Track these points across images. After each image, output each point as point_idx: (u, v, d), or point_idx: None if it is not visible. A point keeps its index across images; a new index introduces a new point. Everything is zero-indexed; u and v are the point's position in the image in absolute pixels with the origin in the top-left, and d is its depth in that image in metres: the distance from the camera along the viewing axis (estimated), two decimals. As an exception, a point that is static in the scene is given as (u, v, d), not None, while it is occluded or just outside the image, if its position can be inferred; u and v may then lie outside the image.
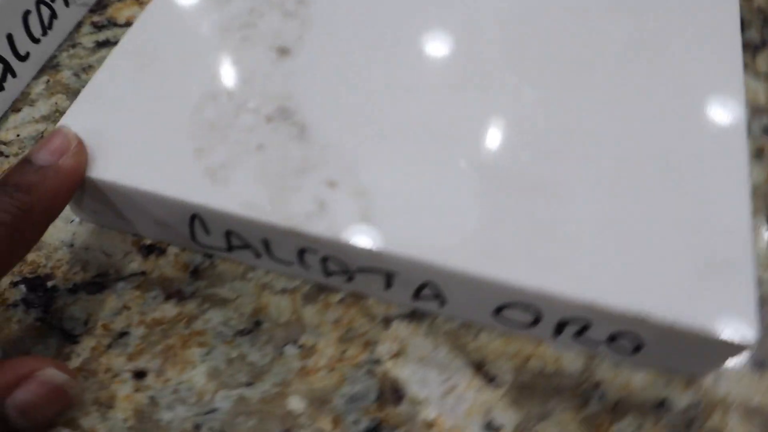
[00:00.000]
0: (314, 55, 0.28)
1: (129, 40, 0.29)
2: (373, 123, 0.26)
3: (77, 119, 0.26)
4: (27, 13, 0.32)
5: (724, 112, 0.26)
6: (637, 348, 0.23)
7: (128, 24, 0.36)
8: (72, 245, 0.28)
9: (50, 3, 0.34)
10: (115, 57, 0.28)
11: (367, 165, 0.25)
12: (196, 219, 0.25)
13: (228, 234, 0.25)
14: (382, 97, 0.27)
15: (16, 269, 0.27)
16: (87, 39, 0.36)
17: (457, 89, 0.27)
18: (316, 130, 0.26)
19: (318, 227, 0.23)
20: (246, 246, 0.26)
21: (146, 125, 0.26)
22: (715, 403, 0.24)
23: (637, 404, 0.24)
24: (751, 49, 0.35)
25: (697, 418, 0.24)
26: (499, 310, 0.24)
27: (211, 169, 0.24)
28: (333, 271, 0.25)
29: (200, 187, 0.24)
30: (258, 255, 0.26)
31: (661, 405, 0.24)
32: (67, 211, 0.29)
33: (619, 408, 0.24)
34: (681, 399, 0.24)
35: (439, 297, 0.24)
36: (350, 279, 0.25)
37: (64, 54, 0.35)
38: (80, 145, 0.24)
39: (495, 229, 0.23)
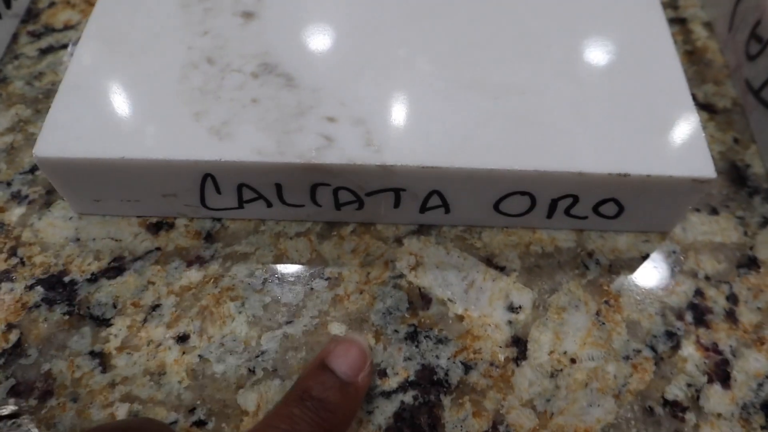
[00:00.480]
0: (277, 12, 0.30)
1: (92, 27, 0.29)
2: (350, 59, 0.28)
3: (66, 107, 0.26)
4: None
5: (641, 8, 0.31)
6: (619, 212, 0.27)
7: (67, 27, 0.36)
8: (78, 239, 0.28)
9: (-15, 17, 0.33)
10: (83, 45, 0.29)
11: (357, 96, 0.27)
12: (208, 179, 0.26)
13: (240, 188, 0.27)
14: (350, 36, 0.29)
15: (27, 273, 0.27)
16: (29, 48, 0.35)
17: (415, 19, 0.30)
18: (301, 76, 0.28)
19: (331, 157, 0.25)
20: (257, 198, 0.27)
21: (137, 101, 0.27)
22: (687, 247, 0.28)
23: (626, 261, 0.28)
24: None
25: (677, 262, 0.28)
26: (498, 204, 0.27)
27: (214, 128, 0.26)
28: (344, 202, 0.27)
29: (209, 145, 0.25)
30: (269, 204, 0.27)
31: (645, 257, 0.28)
32: (64, 209, 0.29)
33: (613, 268, 0.28)
34: (660, 250, 0.28)
35: (444, 204, 0.27)
36: (361, 206, 0.27)
37: (9, 66, 0.35)
38: (372, 365, 0.24)
39: (484, 128, 0.26)
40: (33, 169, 0.31)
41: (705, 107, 0.33)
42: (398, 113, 0.26)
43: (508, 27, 0.30)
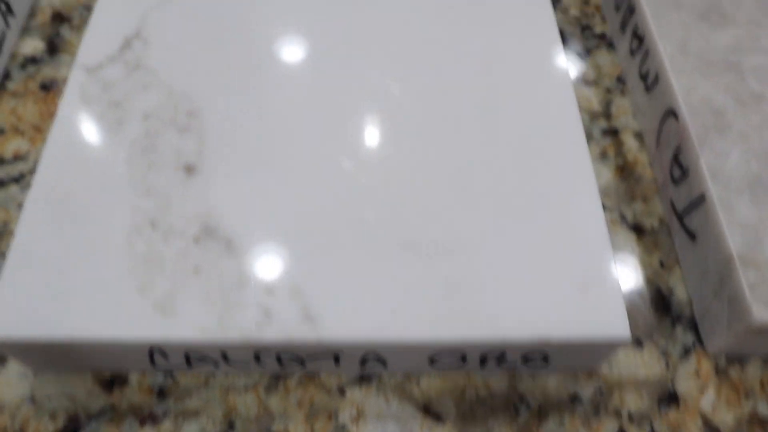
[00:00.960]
0: (218, 167, 0.31)
1: (38, 188, 0.30)
2: (288, 224, 0.29)
3: (13, 283, 0.27)
4: None
5: (565, 143, 0.32)
6: (545, 359, 0.29)
7: (17, 158, 0.37)
8: (33, 398, 0.29)
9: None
10: (29, 210, 0.29)
11: (294, 263, 0.28)
12: (156, 350, 0.27)
13: (187, 355, 0.28)
14: (291, 198, 0.30)
15: (-17, 438, 0.29)
16: (-22, 182, 0.36)
17: (349, 175, 0.31)
18: (240, 241, 0.29)
19: (269, 334, 0.26)
20: (204, 360, 0.28)
21: (83, 274, 0.28)
22: (613, 385, 0.30)
23: (555, 404, 0.30)
24: (578, 59, 0.41)
25: (602, 401, 0.30)
26: (432, 359, 0.29)
27: (158, 304, 0.27)
28: (286, 363, 0.29)
29: (153, 323, 0.27)
30: (216, 365, 0.29)
31: (573, 398, 0.30)
32: (19, 367, 0.30)
33: (542, 411, 0.30)
34: (587, 389, 0.30)
35: (380, 361, 0.29)
36: (302, 364, 0.29)
37: (-41, 203, 0.35)
38: None
39: (415, 295, 0.27)
40: (-13, 320, 0.32)
41: (634, 227, 0.35)
42: (334, 282, 0.28)
43: (441, 173, 0.31)
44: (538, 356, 0.29)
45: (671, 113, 0.34)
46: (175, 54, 0.35)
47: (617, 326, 0.27)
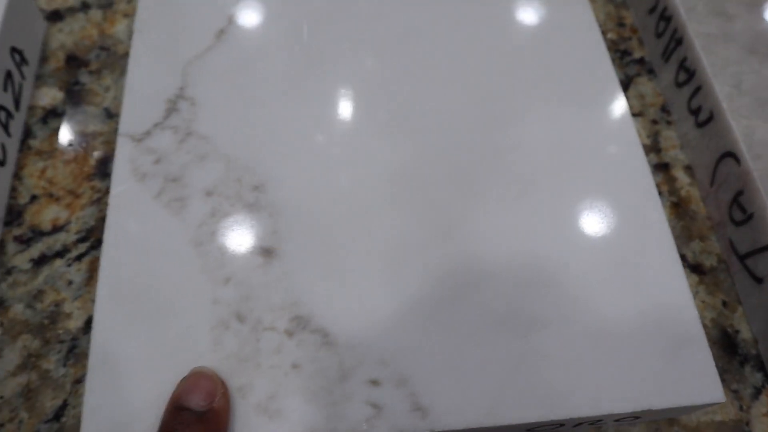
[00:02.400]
0: (298, 248, 0.30)
1: (105, 284, 0.28)
2: (384, 303, 0.29)
3: (98, 393, 0.26)
4: (-43, 267, 0.30)
5: (638, 196, 0.32)
6: (636, 417, 0.30)
7: (55, 229, 0.35)
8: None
9: (-26, 244, 0.31)
10: (99, 312, 0.28)
11: (397, 349, 0.28)
12: (258, 449, 0.27)
13: (289, 450, 0.27)
14: (383, 278, 0.29)
15: None
16: (19, 260, 0.34)
17: (437, 240, 0.30)
18: (337, 330, 0.28)
19: (380, 428, 0.26)
20: (305, 451, 0.28)
21: (171, 379, 0.27)
22: (692, 430, 0.32)
23: (642, 455, 0.31)
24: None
25: (685, 448, 0.31)
26: (530, 428, 0.29)
27: (261, 406, 0.26)
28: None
29: (260, 426, 0.26)
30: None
31: (658, 449, 0.31)
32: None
33: (631, 463, 0.31)
34: (670, 438, 0.31)
35: (480, 433, 0.29)
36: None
37: (3, 285, 0.33)
38: (225, 385, 0.26)
39: (516, 374, 0.27)
40: (57, 416, 0.30)
41: (694, 268, 0.35)
42: (439, 367, 0.27)
43: (524, 242, 0.31)
44: (630, 417, 0.29)
45: (730, 155, 0.34)
46: (226, 116, 0.33)
47: (712, 390, 0.28)
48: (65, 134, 0.37)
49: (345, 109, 0.34)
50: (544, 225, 0.31)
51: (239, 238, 0.30)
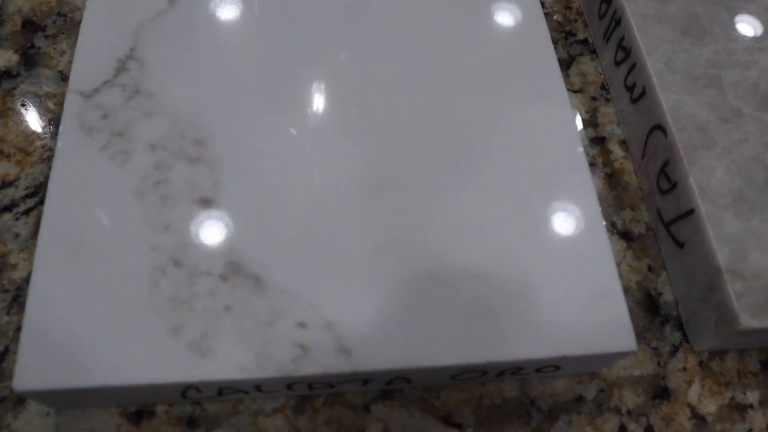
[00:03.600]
0: (234, 198, 0.31)
1: (47, 229, 0.29)
2: (313, 252, 0.30)
3: (35, 334, 0.27)
4: None
5: (566, 159, 0.34)
6: (556, 368, 0.31)
7: (5, 185, 0.35)
8: (61, 437, 0.30)
9: None
10: (42, 255, 0.29)
11: (325, 295, 0.29)
12: (189, 387, 0.28)
13: (220, 389, 0.29)
14: (313, 225, 0.31)
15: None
16: (-32, 211, 0.34)
17: (371, 196, 0.32)
18: (268, 276, 0.29)
19: (306, 368, 0.27)
20: (237, 391, 0.29)
21: (109, 319, 0.28)
22: (612, 384, 0.33)
23: (563, 406, 0.32)
24: (563, 66, 0.43)
25: (604, 400, 0.33)
26: (454, 376, 0.30)
27: (193, 344, 0.27)
28: (316, 387, 0.30)
29: (190, 365, 0.27)
30: (247, 393, 0.30)
31: (579, 400, 0.33)
32: (40, 406, 0.30)
33: (552, 413, 0.32)
34: (590, 391, 0.33)
35: (406, 380, 0.30)
36: (331, 387, 0.30)
37: (-49, 234, 0.34)
38: None
39: (440, 321, 0.29)
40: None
41: (623, 235, 0.37)
42: (365, 313, 0.29)
43: (452, 195, 0.32)
44: (550, 367, 0.31)
45: (659, 128, 0.36)
46: (174, 75, 0.34)
47: (625, 338, 0.30)
48: (19, 95, 0.38)
49: (291, 69, 0.35)
50: (478, 188, 0.32)
51: (180, 189, 0.31)
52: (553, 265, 0.31)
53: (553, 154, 0.34)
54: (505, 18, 0.38)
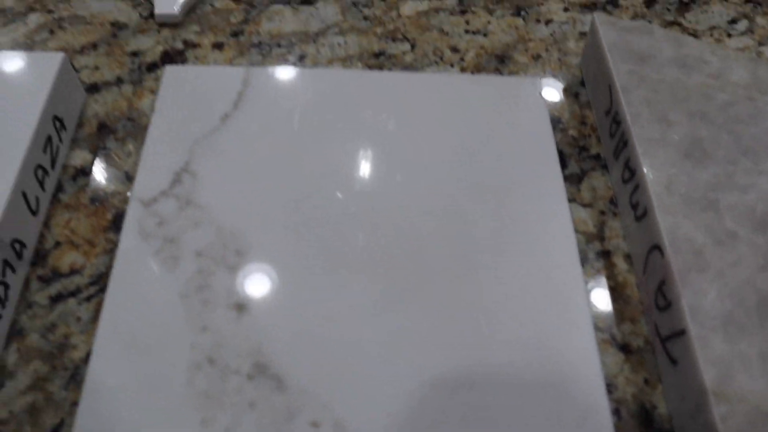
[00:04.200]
0: (265, 306, 0.35)
1: (106, 321, 0.34)
2: (332, 359, 0.34)
3: (90, 414, 0.32)
4: (-13, 298, 0.36)
5: (565, 278, 0.37)
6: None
7: (72, 272, 0.41)
8: None
9: (4, 281, 0.38)
10: (100, 340, 0.34)
11: (338, 400, 0.33)
12: (215, 474, 0.32)
13: (241, 477, 0.32)
14: (333, 332, 0.35)
15: None
16: (40, 296, 0.40)
17: (387, 313, 0.35)
18: (289, 377, 0.33)
19: (315, 465, 0.31)
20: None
21: (152, 408, 0.32)
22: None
23: None
24: (575, 180, 0.46)
25: None
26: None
27: (219, 437, 0.32)
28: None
29: (216, 455, 0.31)
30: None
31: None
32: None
33: None
34: (582, 498, 0.35)
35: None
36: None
37: (24, 316, 0.39)
38: None
39: (442, 429, 0.32)
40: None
41: (622, 347, 0.40)
42: (374, 416, 0.32)
43: (453, 302, 0.36)
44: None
45: (657, 248, 0.39)
46: (221, 189, 0.39)
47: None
48: (90, 192, 0.44)
49: (322, 187, 0.40)
50: (483, 305, 0.36)
51: (218, 294, 0.35)
52: (544, 381, 0.34)
53: (554, 274, 0.37)
54: (515, 135, 0.42)
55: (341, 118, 0.42)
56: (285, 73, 0.45)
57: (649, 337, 0.40)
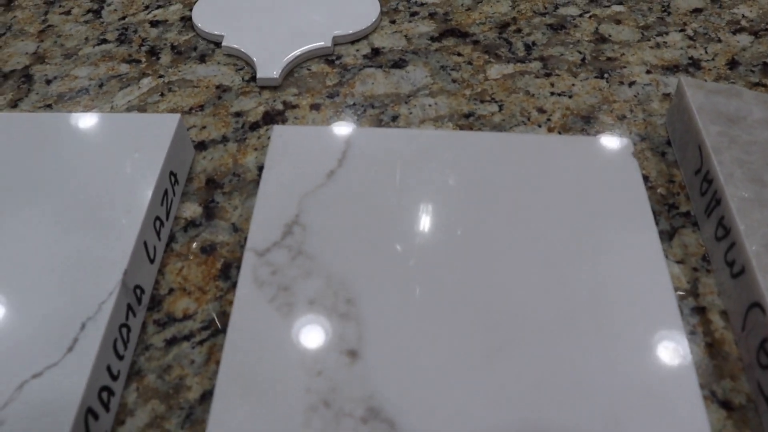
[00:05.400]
0: (377, 352, 0.37)
1: (227, 367, 0.36)
2: (441, 403, 0.35)
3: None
4: (115, 341, 0.39)
5: (666, 335, 0.37)
6: None
7: (185, 317, 0.43)
8: None
9: (127, 324, 0.40)
10: (221, 383, 0.36)
11: (448, 448, 0.34)
12: None
13: None
14: (441, 380, 0.36)
15: None
16: (156, 339, 0.42)
17: (491, 357, 0.37)
18: (401, 421, 0.34)
19: None
20: None
21: (271, 450, 0.34)
22: None
23: None
24: (665, 237, 0.47)
25: None
26: None
27: (336, 480, 0.33)
28: None
29: (334, 497, 0.32)
30: None
31: None
32: None
33: None
34: None
35: None
36: None
37: (142, 358, 0.42)
38: None
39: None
40: (174, 471, 0.38)
41: (723, 404, 0.40)
42: (482, 465, 0.33)
43: (553, 361, 0.37)
44: None
45: (758, 305, 0.39)
46: (329, 239, 0.41)
47: None
48: (200, 242, 0.47)
49: (424, 239, 0.41)
50: (583, 356, 0.37)
51: (331, 340, 0.37)
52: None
53: (655, 331, 0.37)
54: (607, 194, 0.44)
55: (439, 176, 0.45)
56: (383, 133, 0.48)
57: (751, 395, 0.40)
